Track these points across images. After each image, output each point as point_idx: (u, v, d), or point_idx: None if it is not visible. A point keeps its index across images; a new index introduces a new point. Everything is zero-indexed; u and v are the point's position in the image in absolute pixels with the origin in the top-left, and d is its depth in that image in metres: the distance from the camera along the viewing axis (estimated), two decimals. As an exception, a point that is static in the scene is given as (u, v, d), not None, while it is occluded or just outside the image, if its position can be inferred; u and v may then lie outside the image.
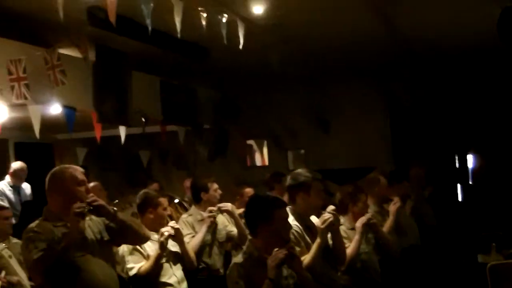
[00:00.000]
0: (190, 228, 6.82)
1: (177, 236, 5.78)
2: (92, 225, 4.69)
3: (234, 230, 7.04)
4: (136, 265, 5.57)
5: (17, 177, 9.99)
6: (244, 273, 4.20)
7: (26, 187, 10.19)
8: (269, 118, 12.81)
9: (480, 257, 8.22)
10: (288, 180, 5.37)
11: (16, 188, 9.99)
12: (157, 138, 10.66)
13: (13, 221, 7.66)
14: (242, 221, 6.96)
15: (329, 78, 11.63)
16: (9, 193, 9.89)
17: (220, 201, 7.04)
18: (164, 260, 5.68)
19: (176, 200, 8.87)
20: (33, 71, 6.85)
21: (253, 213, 4.42)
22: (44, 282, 4.38)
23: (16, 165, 10.11)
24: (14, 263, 7.19)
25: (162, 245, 5.54)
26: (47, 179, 4.65)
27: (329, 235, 5.09)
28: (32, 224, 4.52)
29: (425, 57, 10.18)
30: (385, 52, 9.76)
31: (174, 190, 10.32)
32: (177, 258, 5.88)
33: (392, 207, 6.97)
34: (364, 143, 12.27)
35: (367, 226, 5.96)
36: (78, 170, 4.66)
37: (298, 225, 5.08)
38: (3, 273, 6.61)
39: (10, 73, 6.74)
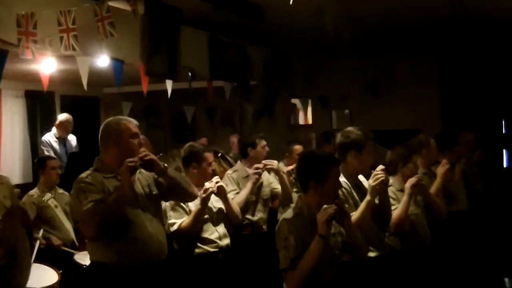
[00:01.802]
0: (235, 184, 6.81)
1: (220, 193, 5.73)
2: (142, 178, 4.72)
3: (278, 187, 7.01)
4: (177, 220, 5.55)
5: (63, 128, 10.07)
6: (294, 229, 4.17)
7: (72, 138, 10.27)
8: (318, 81, 12.68)
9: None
10: (339, 137, 5.31)
11: (62, 140, 10.08)
12: (203, 95, 10.63)
13: (59, 171, 7.76)
14: (289, 179, 6.95)
15: (381, 42, 11.46)
16: (55, 144, 9.98)
17: (266, 158, 7.00)
18: (206, 216, 5.66)
19: (219, 154, 8.84)
20: (82, 23, 6.83)
21: (306, 169, 4.38)
22: (94, 233, 4.42)
23: (62, 117, 10.20)
24: (59, 213, 7.31)
25: (204, 201, 5.48)
26: (101, 129, 4.67)
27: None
28: (83, 175, 4.54)
29: (477, 22, 9.95)
30: (438, 16, 9.55)
31: (219, 146, 10.30)
32: (220, 214, 5.85)
33: (440, 169, 6.85)
34: (413, 107, 12.12)
35: (416, 187, 5.88)
36: (132, 123, 4.67)
37: (348, 182, 5.06)
38: (41, 232, 6.66)
39: (59, 24, 6.73)
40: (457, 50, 11.76)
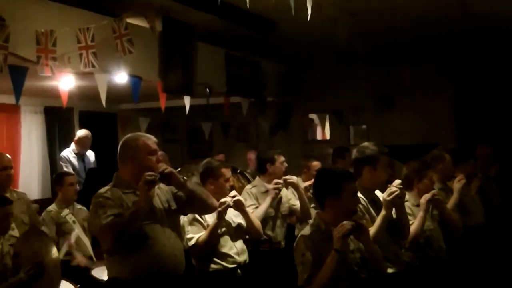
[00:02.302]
0: (253, 199, 6.82)
1: (237, 206, 5.75)
2: (160, 194, 4.74)
3: (297, 203, 7.02)
4: (195, 235, 5.57)
5: (82, 144, 10.12)
6: (311, 245, 4.18)
7: (90, 154, 10.32)
8: (332, 94, 12.71)
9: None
10: (354, 153, 5.36)
11: (80, 156, 10.13)
12: (219, 110, 10.68)
13: (78, 187, 7.80)
14: (306, 195, 6.96)
15: (394, 55, 11.46)
16: (74, 160, 10.03)
17: (284, 174, 7.01)
18: (223, 230, 5.68)
19: (238, 171, 8.86)
20: (100, 40, 6.89)
21: (322, 185, 4.40)
22: (112, 247, 4.45)
23: (81, 132, 10.25)
24: (77, 228, 7.35)
25: (220, 215, 5.50)
26: (120, 145, 4.71)
27: (393, 210, 5.07)
28: (102, 190, 4.58)
29: (492, 32, 9.93)
30: (451, 28, 9.56)
31: (235, 162, 10.33)
32: (239, 229, 5.86)
33: (457, 185, 6.87)
34: (427, 120, 12.12)
35: (431, 202, 5.88)
36: (151, 139, 4.71)
37: (364, 198, 5.05)
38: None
39: (78, 42, 6.79)
40: (471, 60, 11.71)
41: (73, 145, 10.17)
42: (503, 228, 8.07)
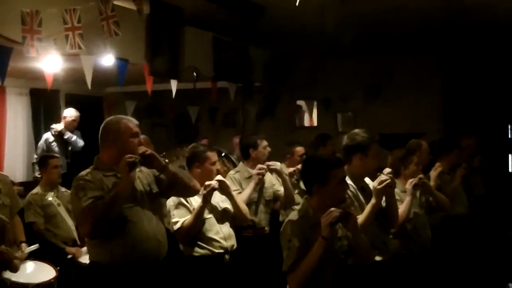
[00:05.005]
0: (237, 184, 6.78)
1: (223, 189, 5.66)
2: (142, 177, 4.71)
3: (281, 189, 6.98)
4: (180, 219, 5.51)
5: (66, 124, 10.00)
6: (298, 231, 4.16)
7: (77, 135, 10.21)
8: (320, 81, 12.68)
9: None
10: (345, 140, 5.29)
11: (59, 139, 10.00)
12: (206, 95, 10.63)
13: (61, 170, 7.74)
14: (290, 181, 6.94)
15: (383, 44, 11.44)
16: (53, 144, 9.92)
17: (268, 159, 6.98)
18: (209, 215, 5.62)
19: (223, 154, 8.81)
20: (87, 22, 6.82)
21: (309, 172, 4.38)
22: (92, 230, 4.41)
23: (67, 112, 10.15)
24: (62, 211, 7.31)
25: (205, 198, 5.43)
26: (101, 128, 4.67)
27: (383, 198, 5.04)
28: (83, 173, 4.55)
29: (481, 24, 9.92)
30: (440, 18, 9.52)
31: (221, 147, 10.29)
32: (226, 214, 5.80)
33: (433, 173, 6.90)
34: (414, 110, 12.13)
35: (418, 187, 5.89)
36: (132, 122, 4.67)
37: (353, 185, 5.03)
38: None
39: (65, 23, 6.72)
40: (461, 53, 11.72)
41: (60, 125, 10.03)
42: (485, 218, 8.09)
